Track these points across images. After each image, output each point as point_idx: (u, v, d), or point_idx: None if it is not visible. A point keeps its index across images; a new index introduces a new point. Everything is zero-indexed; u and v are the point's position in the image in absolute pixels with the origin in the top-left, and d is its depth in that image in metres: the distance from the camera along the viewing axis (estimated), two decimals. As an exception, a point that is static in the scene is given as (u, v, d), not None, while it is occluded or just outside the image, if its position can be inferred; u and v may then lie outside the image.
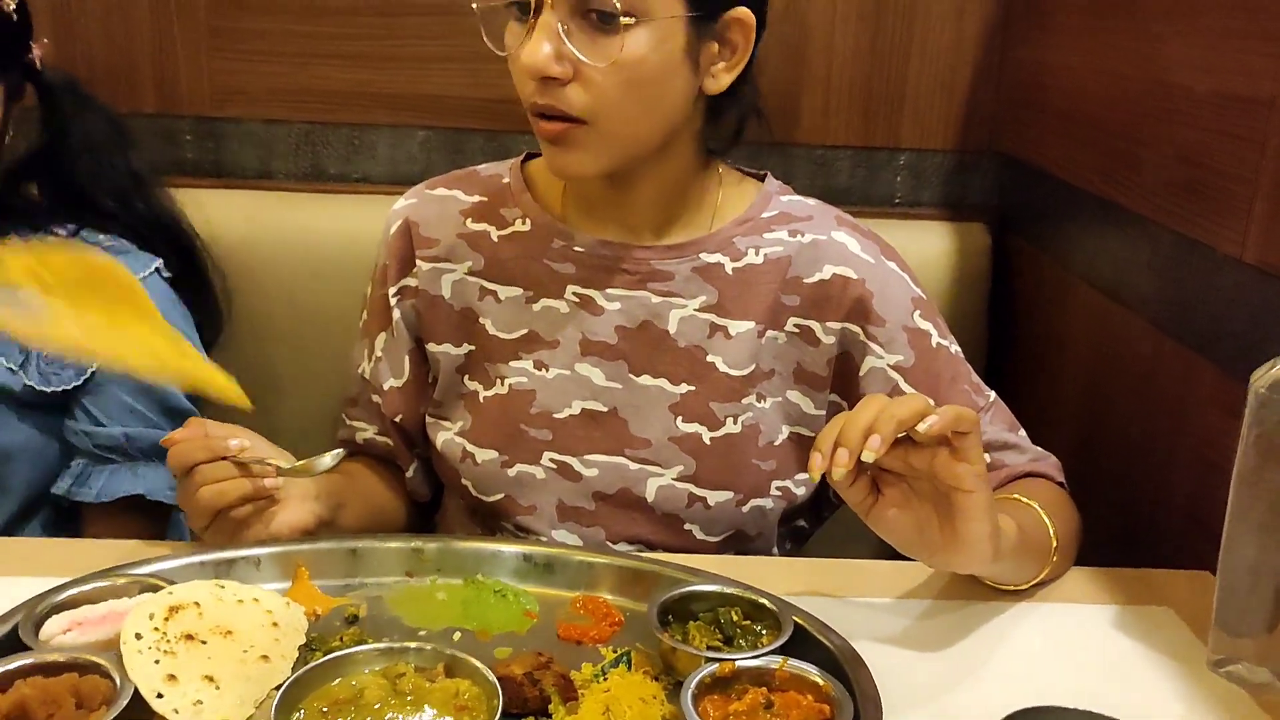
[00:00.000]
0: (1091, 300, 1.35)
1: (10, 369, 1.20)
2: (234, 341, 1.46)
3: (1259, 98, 1.01)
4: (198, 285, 1.36)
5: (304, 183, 1.60)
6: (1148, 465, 1.20)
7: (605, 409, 1.12)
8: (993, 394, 1.17)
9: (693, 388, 1.12)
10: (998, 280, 1.60)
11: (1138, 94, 1.24)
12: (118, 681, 0.75)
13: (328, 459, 1.00)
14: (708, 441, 1.11)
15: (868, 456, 0.81)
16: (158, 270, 1.28)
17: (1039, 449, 1.16)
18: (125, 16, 1.53)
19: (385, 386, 1.19)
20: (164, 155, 1.56)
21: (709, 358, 1.12)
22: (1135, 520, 1.22)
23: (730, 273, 1.12)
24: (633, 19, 0.96)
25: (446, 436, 1.15)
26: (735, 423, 1.12)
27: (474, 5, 1.01)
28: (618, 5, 0.95)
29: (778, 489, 1.14)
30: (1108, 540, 1.15)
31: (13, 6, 1.16)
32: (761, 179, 1.19)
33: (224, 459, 0.96)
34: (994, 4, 1.57)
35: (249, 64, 1.56)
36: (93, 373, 1.22)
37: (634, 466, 1.11)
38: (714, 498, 1.11)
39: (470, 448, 1.14)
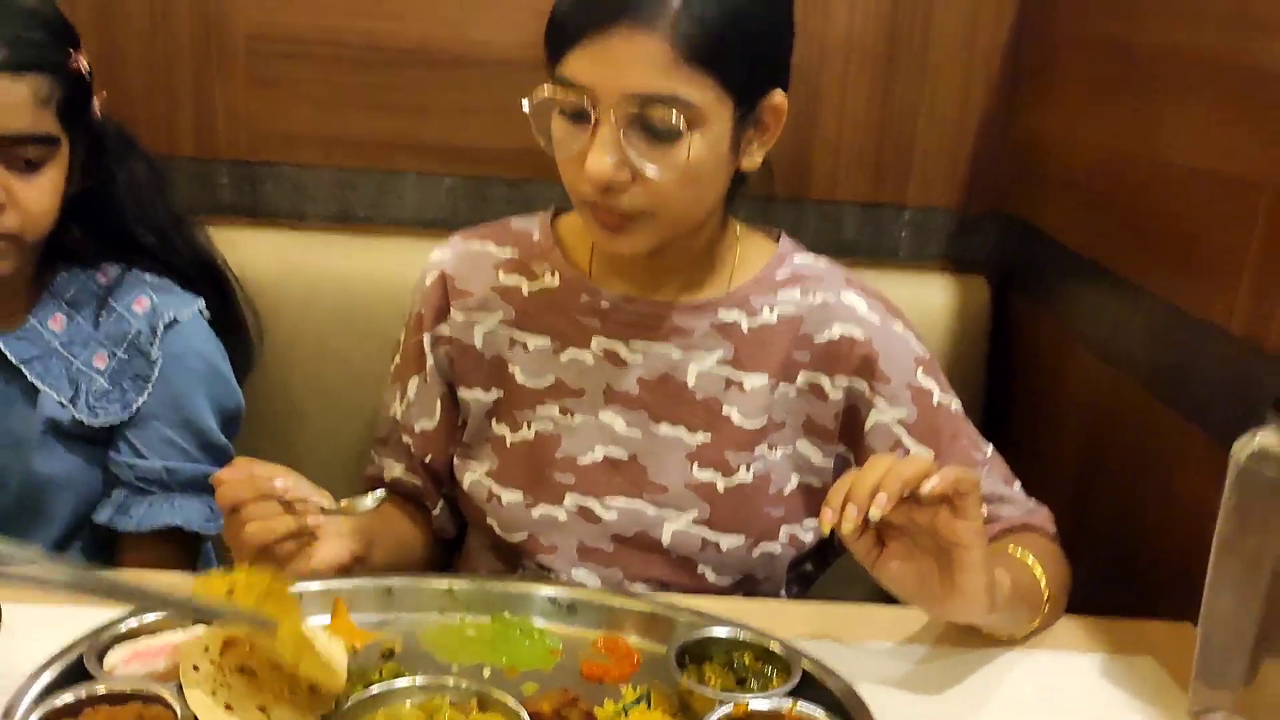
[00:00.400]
0: (1087, 360, 1.41)
1: (61, 403, 1.26)
2: (262, 375, 1.52)
3: (1249, 180, 1.07)
4: (233, 323, 1.42)
5: (335, 225, 1.66)
6: (1138, 521, 1.26)
7: (626, 455, 1.18)
8: (990, 448, 1.23)
9: (708, 437, 1.18)
10: (997, 335, 1.66)
11: (1136, 167, 1.30)
12: (178, 712, 0.80)
13: (369, 500, 1.05)
14: (721, 489, 1.17)
15: (874, 514, 0.88)
16: (200, 310, 1.35)
17: (1033, 501, 1.22)
18: (169, 65, 1.60)
19: (417, 429, 1.25)
20: (201, 196, 1.62)
21: (724, 409, 1.18)
22: (1125, 572, 1.28)
23: (746, 330, 1.18)
24: (688, 125, 1.01)
25: (474, 477, 1.21)
26: (747, 471, 1.18)
27: (524, 104, 1.05)
28: (677, 124, 1.00)
29: (786, 535, 1.20)
30: (1098, 590, 1.21)
31: (86, 67, 1.23)
32: (776, 238, 1.26)
33: (269, 498, 1.01)
34: (1001, 72, 1.64)
35: (285, 111, 1.63)
36: (137, 409, 1.28)
37: (651, 511, 1.17)
38: (726, 542, 1.17)
39: (496, 489, 1.20)
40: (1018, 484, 1.22)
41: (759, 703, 0.87)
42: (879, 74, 1.64)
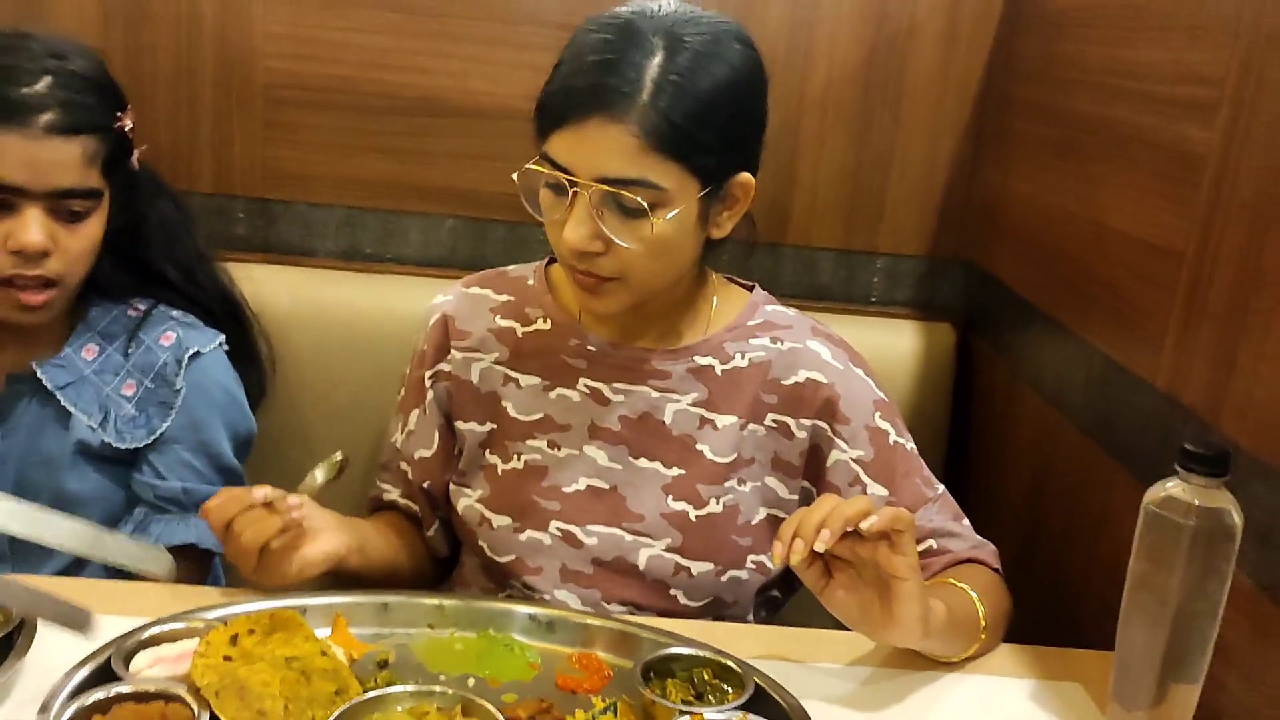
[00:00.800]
0: (1036, 405, 1.52)
1: (91, 427, 1.37)
2: (271, 404, 1.62)
3: (1173, 249, 1.18)
4: (249, 354, 1.53)
5: (343, 261, 1.77)
6: (1074, 557, 1.37)
7: (607, 486, 1.29)
8: (941, 487, 1.32)
9: (683, 471, 1.28)
10: (961, 377, 1.77)
11: (1080, 226, 1.41)
12: (195, 711, 0.91)
13: (319, 473, 1.22)
14: (693, 519, 1.27)
15: (819, 547, 0.99)
16: (220, 344, 1.46)
17: (979, 538, 1.30)
18: (191, 107, 1.72)
19: (415, 456, 1.36)
20: (218, 230, 1.73)
21: (698, 446, 1.28)
22: (1061, 603, 1.38)
23: (719, 374, 1.29)
24: (654, 204, 1.12)
25: (467, 503, 1.32)
26: (718, 503, 1.28)
27: (514, 177, 1.17)
28: (644, 205, 1.11)
29: (753, 562, 1.30)
30: (1038, 620, 1.31)
31: (130, 126, 1.35)
32: (750, 289, 1.37)
33: (253, 507, 1.12)
34: (966, 131, 1.75)
35: (298, 152, 1.74)
36: (160, 433, 1.39)
37: (629, 538, 1.27)
38: (696, 568, 1.27)
39: (488, 514, 1.30)
40: (965, 521, 1.32)
41: (713, 714, 0.97)
42: (854, 128, 1.75)
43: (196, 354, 1.42)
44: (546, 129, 1.15)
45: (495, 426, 1.32)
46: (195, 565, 1.41)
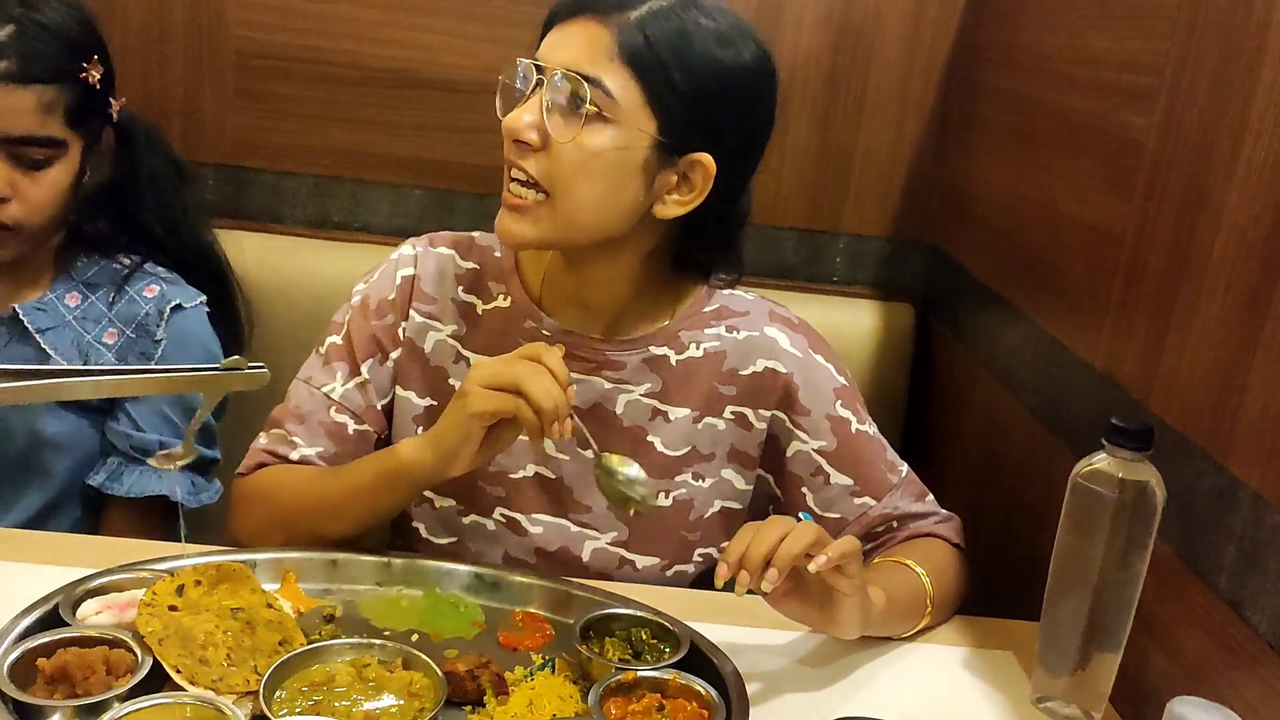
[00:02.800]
0: (989, 384, 1.55)
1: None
2: (239, 365, 1.64)
3: (1115, 234, 1.21)
4: (229, 316, 1.55)
5: (310, 229, 1.79)
6: (1017, 529, 1.40)
7: (553, 475, 1.26)
8: (905, 468, 1.30)
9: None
10: (919, 356, 1.80)
11: (1031, 213, 1.44)
12: (139, 655, 0.93)
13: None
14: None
15: (765, 587, 0.98)
16: (202, 302, 1.48)
17: (944, 512, 1.31)
18: (163, 73, 1.73)
19: (379, 405, 1.28)
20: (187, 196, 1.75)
21: (649, 437, 1.26)
22: (1006, 574, 1.41)
23: (674, 364, 1.26)
24: (597, 110, 1.09)
25: (441, 505, 1.28)
26: (667, 497, 1.27)
27: (501, 79, 1.16)
28: (586, 96, 1.09)
29: (699, 555, 1.30)
30: (986, 592, 1.34)
31: (97, 78, 1.35)
32: (708, 274, 1.30)
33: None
34: (931, 115, 1.78)
35: (267, 121, 1.76)
36: None
37: (574, 529, 1.27)
38: (641, 562, 1.27)
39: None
40: (930, 497, 1.31)
41: (647, 671, 1.00)
42: (819, 110, 1.78)
43: (178, 306, 1.44)
44: (542, 35, 1.15)
45: (435, 404, 1.28)
46: (161, 518, 1.43)
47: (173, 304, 1.44)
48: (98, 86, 1.36)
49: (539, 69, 1.12)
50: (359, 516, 1.19)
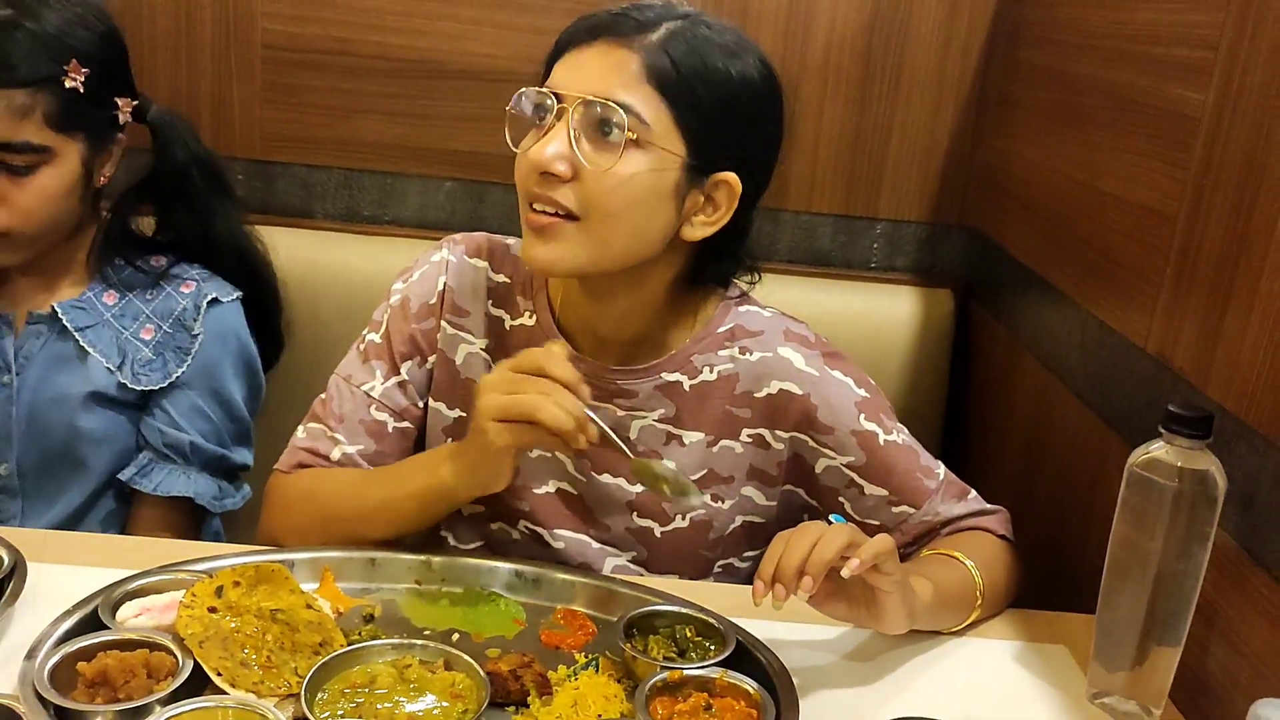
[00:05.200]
0: (1034, 370, 1.51)
1: (109, 369, 1.39)
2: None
3: (1166, 213, 1.18)
4: (267, 315, 1.54)
5: (341, 223, 1.78)
6: (1068, 520, 1.37)
7: (575, 493, 1.25)
8: (942, 471, 1.26)
9: (646, 488, 1.22)
10: (960, 343, 1.77)
11: (1077, 191, 1.41)
12: (180, 658, 0.92)
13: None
14: (659, 535, 1.25)
15: (800, 596, 0.97)
16: (239, 299, 1.47)
17: (990, 506, 1.27)
18: (191, 69, 1.72)
19: (419, 404, 1.28)
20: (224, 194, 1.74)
21: (663, 462, 1.21)
22: (1055, 567, 1.38)
23: (687, 389, 1.23)
24: (634, 136, 1.07)
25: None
26: (684, 519, 1.25)
27: (508, 109, 1.13)
28: (622, 123, 1.07)
29: (720, 567, 1.28)
30: (1032, 584, 1.31)
31: (80, 81, 1.31)
32: (725, 288, 1.26)
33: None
34: (969, 95, 1.74)
35: (297, 115, 1.75)
36: (176, 377, 1.41)
37: (595, 545, 1.25)
38: (662, 579, 1.24)
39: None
40: (972, 494, 1.27)
41: (693, 670, 0.98)
42: (854, 94, 1.74)
43: (215, 300, 1.44)
44: (550, 65, 1.13)
45: (463, 415, 1.26)
46: (187, 519, 1.43)
47: (209, 298, 1.43)
48: (82, 90, 1.32)
49: (558, 97, 1.09)
50: (396, 526, 1.19)
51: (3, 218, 1.31)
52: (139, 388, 1.40)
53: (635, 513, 1.25)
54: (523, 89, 1.13)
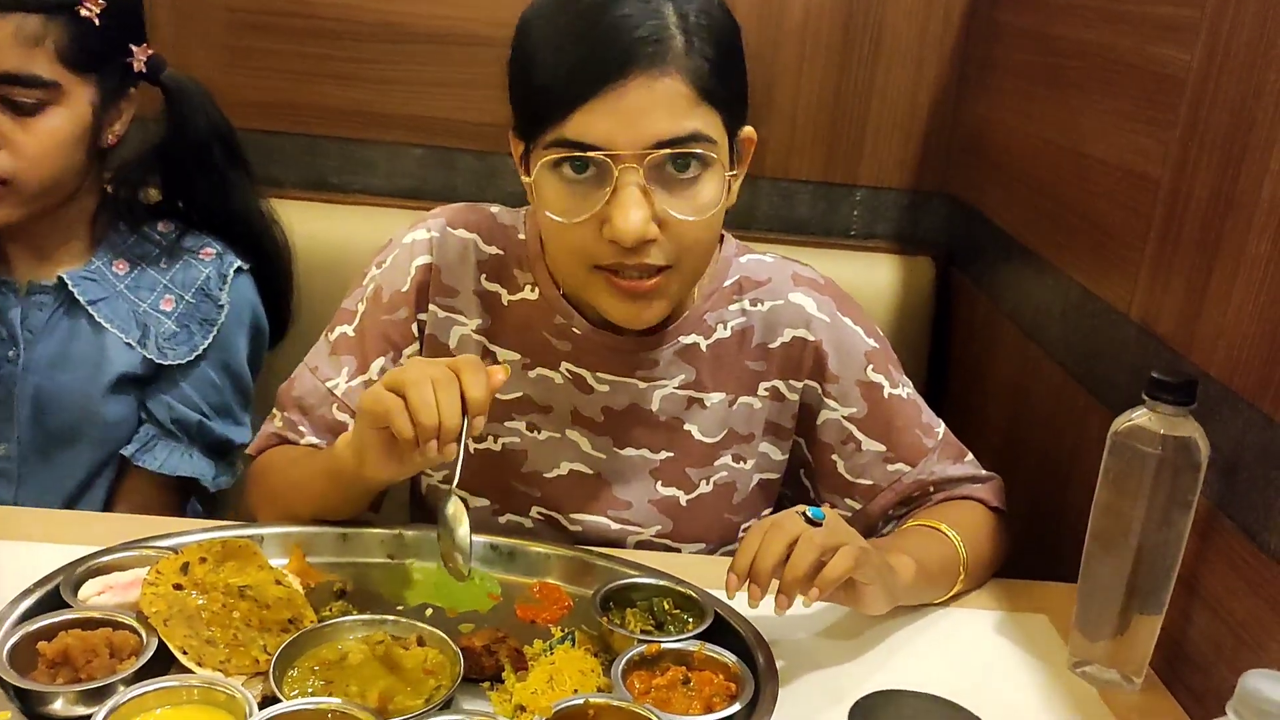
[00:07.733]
0: (1015, 338, 1.50)
1: (129, 344, 1.34)
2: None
3: (1150, 176, 1.16)
4: (277, 287, 1.49)
5: (306, 191, 1.74)
6: (1049, 488, 1.36)
7: (591, 472, 1.21)
8: (941, 429, 1.25)
9: (671, 454, 1.21)
10: (941, 311, 1.75)
11: (1059, 156, 1.38)
12: (144, 637, 0.90)
13: None
14: (684, 504, 1.22)
15: (777, 613, 0.94)
16: (248, 270, 1.42)
17: (985, 473, 1.26)
18: (152, 32, 1.65)
19: None
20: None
21: (686, 426, 1.21)
22: (1037, 535, 1.37)
23: (705, 350, 1.20)
24: (714, 158, 1.02)
25: (431, 482, 1.25)
26: (708, 484, 1.22)
27: (524, 180, 1.06)
28: (700, 165, 1.01)
29: (743, 531, 1.25)
30: (1015, 552, 1.30)
31: (96, 11, 1.23)
32: (719, 240, 1.23)
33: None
34: (950, 59, 1.71)
35: (258, 79, 1.70)
36: (203, 350, 1.36)
37: (615, 525, 1.22)
38: (688, 549, 1.23)
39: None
40: (969, 457, 1.26)
41: (670, 643, 0.96)
42: (833, 58, 1.71)
43: (240, 269, 1.39)
44: (562, 111, 0.99)
45: None
46: (175, 493, 1.40)
47: (235, 266, 1.38)
48: (98, 24, 1.24)
49: (614, 158, 0.98)
50: (316, 504, 1.12)
51: (8, 162, 1.22)
52: (165, 362, 1.34)
53: (659, 481, 1.22)
54: (548, 168, 1.02)
